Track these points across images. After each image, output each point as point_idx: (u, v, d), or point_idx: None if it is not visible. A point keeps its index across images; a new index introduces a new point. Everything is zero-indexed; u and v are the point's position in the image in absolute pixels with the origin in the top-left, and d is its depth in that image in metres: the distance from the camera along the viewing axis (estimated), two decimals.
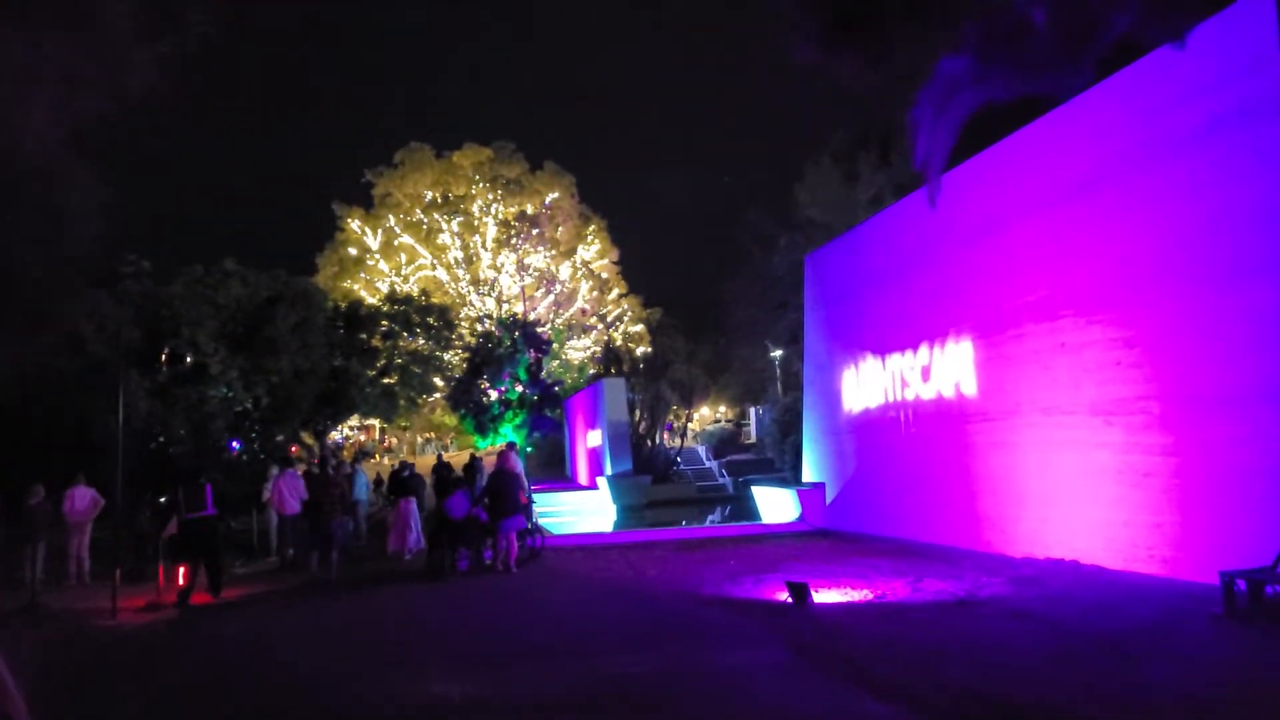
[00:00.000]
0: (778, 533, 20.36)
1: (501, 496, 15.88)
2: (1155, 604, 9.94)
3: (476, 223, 63.24)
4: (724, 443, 61.03)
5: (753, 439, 63.88)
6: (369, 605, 13.62)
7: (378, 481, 31.51)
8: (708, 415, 77.55)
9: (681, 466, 52.55)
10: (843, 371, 20.21)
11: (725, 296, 56.24)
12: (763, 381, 62.65)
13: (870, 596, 11.69)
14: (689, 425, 65.00)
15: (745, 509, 38.37)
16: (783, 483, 40.71)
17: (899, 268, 17.82)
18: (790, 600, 11.59)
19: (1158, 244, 11.43)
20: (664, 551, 18.47)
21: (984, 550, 14.78)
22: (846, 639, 9.44)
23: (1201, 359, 10.84)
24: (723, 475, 50.82)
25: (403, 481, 19.99)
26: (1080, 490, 12.84)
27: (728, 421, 76.50)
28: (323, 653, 10.35)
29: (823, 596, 11.75)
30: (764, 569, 14.76)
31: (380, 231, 61.78)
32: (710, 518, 35.95)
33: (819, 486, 21.20)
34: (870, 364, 18.92)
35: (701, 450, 60.29)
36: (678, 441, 64.26)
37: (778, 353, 59.83)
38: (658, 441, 55.72)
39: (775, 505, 22.98)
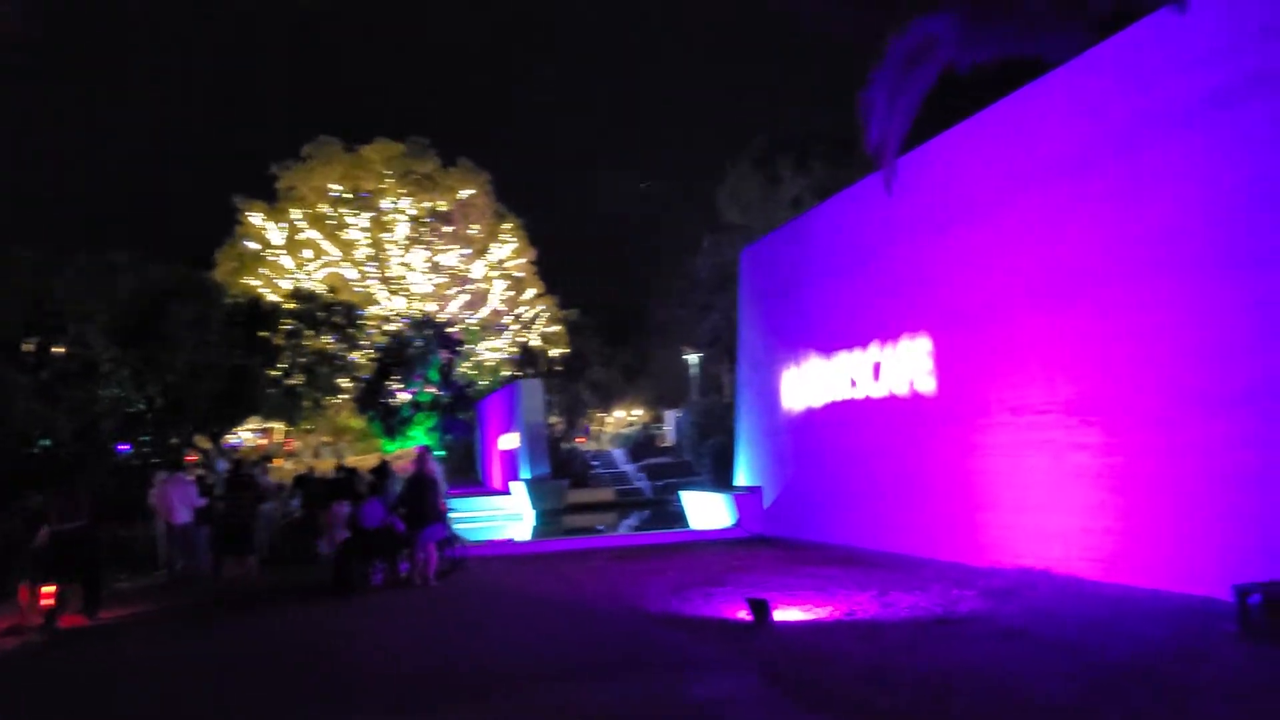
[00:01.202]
0: (714, 540, 19.25)
1: (419, 503, 14.41)
2: (1159, 621, 9.00)
3: (387, 219, 61.08)
4: (641, 446, 60.24)
5: (670, 442, 63.24)
6: (269, 627, 12.04)
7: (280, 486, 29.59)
8: (622, 418, 76.59)
9: (599, 470, 51.73)
10: (782, 370, 19.18)
11: (646, 298, 55.40)
12: (681, 384, 61.95)
13: (837, 613, 10.57)
14: (605, 428, 63.94)
15: (665, 513, 37.53)
16: (702, 486, 39.97)
17: (847, 260, 16.84)
18: (750, 618, 10.41)
19: (1149, 230, 10.57)
20: (598, 561, 17.18)
21: (944, 559, 13.83)
22: (825, 666, 8.28)
23: (1197, 354, 9.98)
24: (640, 479, 50.12)
25: (337, 483, 18.55)
26: (1053, 495, 11.94)
27: (643, 425, 75.81)
28: (207, 689, 8.80)
29: (784, 613, 10.59)
30: (711, 581, 13.58)
31: (284, 226, 59.14)
32: (627, 522, 35.22)
33: (755, 491, 20.14)
34: (814, 362, 17.92)
35: (618, 454, 59.47)
36: (594, 445, 63.34)
37: (695, 355, 59.20)
38: (575, 445, 54.57)
39: (707, 511, 21.86)
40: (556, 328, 67.23)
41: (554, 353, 62.74)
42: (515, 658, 9.36)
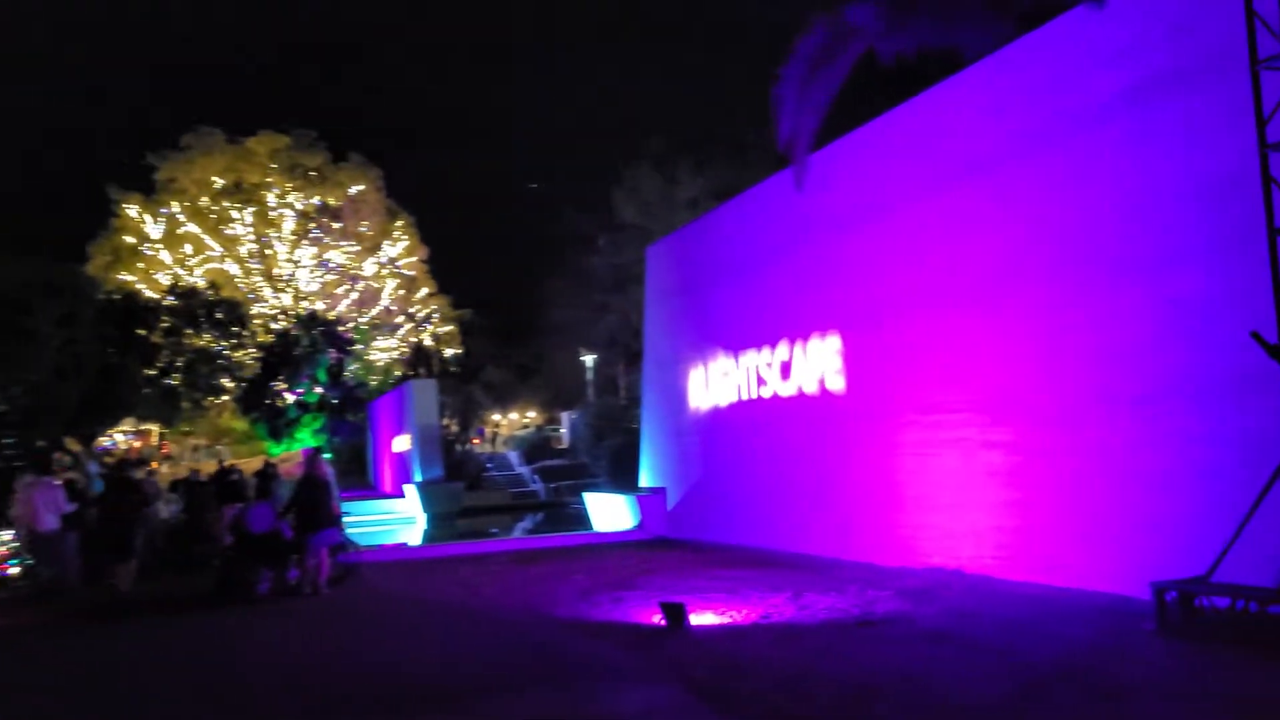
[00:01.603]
0: (617, 542, 18.87)
1: (311, 507, 13.61)
2: (1077, 620, 8.95)
3: (273, 214, 59.01)
4: (536, 448, 59.63)
5: (565, 444, 62.75)
6: (147, 642, 11.15)
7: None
8: (515, 420, 75.70)
9: (493, 473, 51.06)
10: (689, 369, 18.91)
11: (543, 298, 54.65)
12: (577, 385, 61.36)
13: (752, 616, 10.27)
14: (499, 430, 63.03)
15: (562, 516, 37.09)
16: (605, 488, 39.60)
17: (756, 258, 16.65)
18: (664, 623, 10.04)
19: (1063, 229, 10.57)
20: (498, 565, 16.61)
21: (853, 559, 13.71)
22: (747, 671, 7.96)
23: (1111, 353, 10.00)
24: (535, 481, 49.71)
25: (232, 485, 17.54)
26: (965, 494, 11.90)
27: (537, 427, 75.14)
28: (65, 710, 7.99)
29: (698, 617, 10.25)
30: (618, 585, 13.17)
31: (163, 220, 56.59)
32: (522, 525, 34.74)
33: (659, 492, 19.83)
34: (722, 361, 17.69)
35: (513, 456, 58.82)
36: (489, 447, 62.37)
37: (592, 356, 58.82)
38: (469, 447, 53.60)
39: (610, 513, 21.46)
40: (450, 328, 66.00)
41: (448, 353, 61.51)
42: (419, 672, 8.78)
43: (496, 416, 68.53)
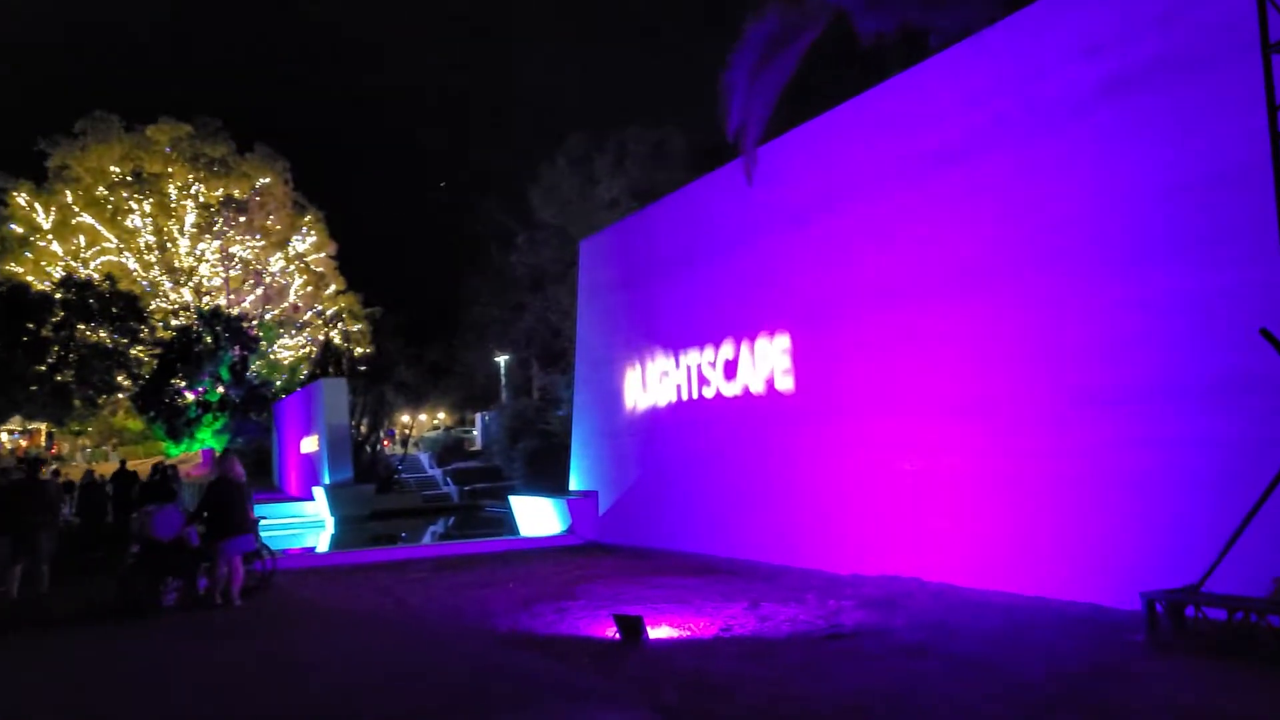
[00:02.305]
0: (546, 547, 18.06)
1: (225, 511, 12.53)
2: (1060, 632, 8.52)
3: (174, 205, 56.55)
4: (448, 450, 58.48)
5: (479, 446, 61.72)
6: (38, 663, 9.98)
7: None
8: (425, 421, 74.19)
9: (404, 475, 49.91)
10: (625, 368, 18.23)
11: (458, 297, 53.46)
12: (491, 386, 60.23)
13: (712, 629, 9.63)
14: (409, 431, 61.58)
15: (477, 519, 36.36)
16: (532, 491, 38.77)
17: (700, 253, 16.05)
18: (618, 636, 9.33)
19: (1039, 224, 10.18)
20: (422, 573, 15.68)
21: (802, 566, 13.19)
22: (720, 692, 7.30)
23: (1086, 352, 9.64)
24: (448, 484, 48.82)
25: (155, 486, 16.23)
26: (924, 498, 11.46)
27: (447, 428, 73.99)
28: None
29: (654, 630, 9.56)
30: (558, 594, 12.41)
31: (54, 209, 53.70)
32: (433, 529, 33.90)
33: (590, 496, 19.09)
34: (661, 360, 17.05)
35: (424, 458, 57.66)
36: (399, 448, 60.87)
37: (506, 356, 57.88)
38: (380, 448, 52.19)
39: (537, 516, 20.63)
40: (360, 326, 64.16)
41: (358, 352, 59.74)
42: (352, 699, 7.89)
43: (406, 418, 66.98)
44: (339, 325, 62.87)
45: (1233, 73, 8.22)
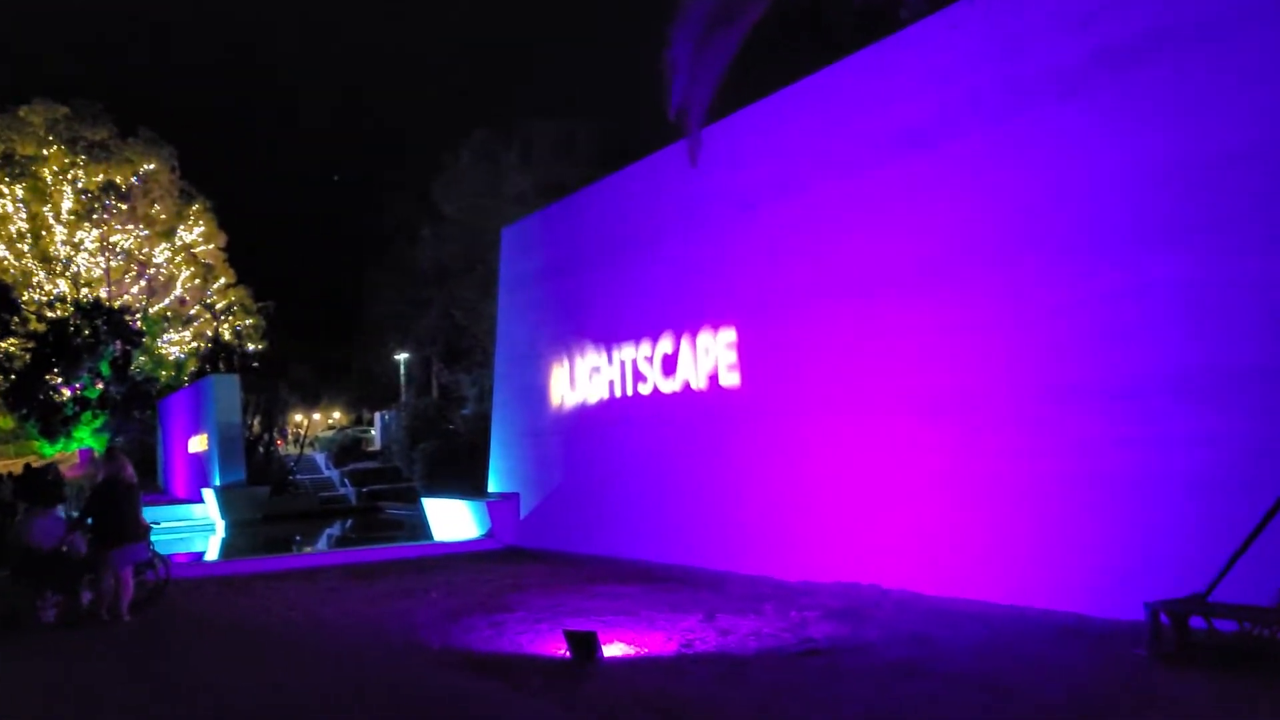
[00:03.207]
0: (466, 553, 16.99)
1: (115, 516, 11.17)
2: (1052, 643, 7.92)
3: (49, 190, 53.17)
4: (346, 450, 56.61)
5: (378, 446, 59.95)
6: None
7: None
8: (320, 421, 71.76)
9: (299, 477, 48.09)
10: (551, 364, 17.25)
11: (359, 292, 51.59)
12: (392, 384, 58.44)
13: (671, 645, 8.77)
14: (303, 431, 59.47)
15: (376, 522, 35.10)
16: (439, 494, 37.52)
17: (637, 241, 15.18)
18: (569, 655, 8.41)
19: (1014, 209, 9.60)
20: (332, 581, 14.48)
21: (747, 573, 12.44)
22: None
23: (1073, 345, 9.07)
24: (345, 486, 47.25)
25: (46, 485, 14.60)
26: (886, 500, 10.81)
27: (340, 428, 72.02)
28: None
29: (607, 647, 8.66)
30: (489, 605, 11.41)
31: None
32: (330, 532, 32.50)
33: (512, 498, 18.06)
34: (592, 355, 16.13)
35: (320, 458, 55.71)
36: (294, 448, 58.69)
37: (406, 354, 56.31)
38: (274, 448, 50.25)
39: (452, 519, 19.48)
40: (252, 320, 61.48)
41: (250, 347, 57.18)
42: None
43: (299, 417, 64.61)
44: (229, 320, 60.07)
45: (1239, 43, 7.73)
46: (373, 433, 66.70)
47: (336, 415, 74.26)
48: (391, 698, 7.61)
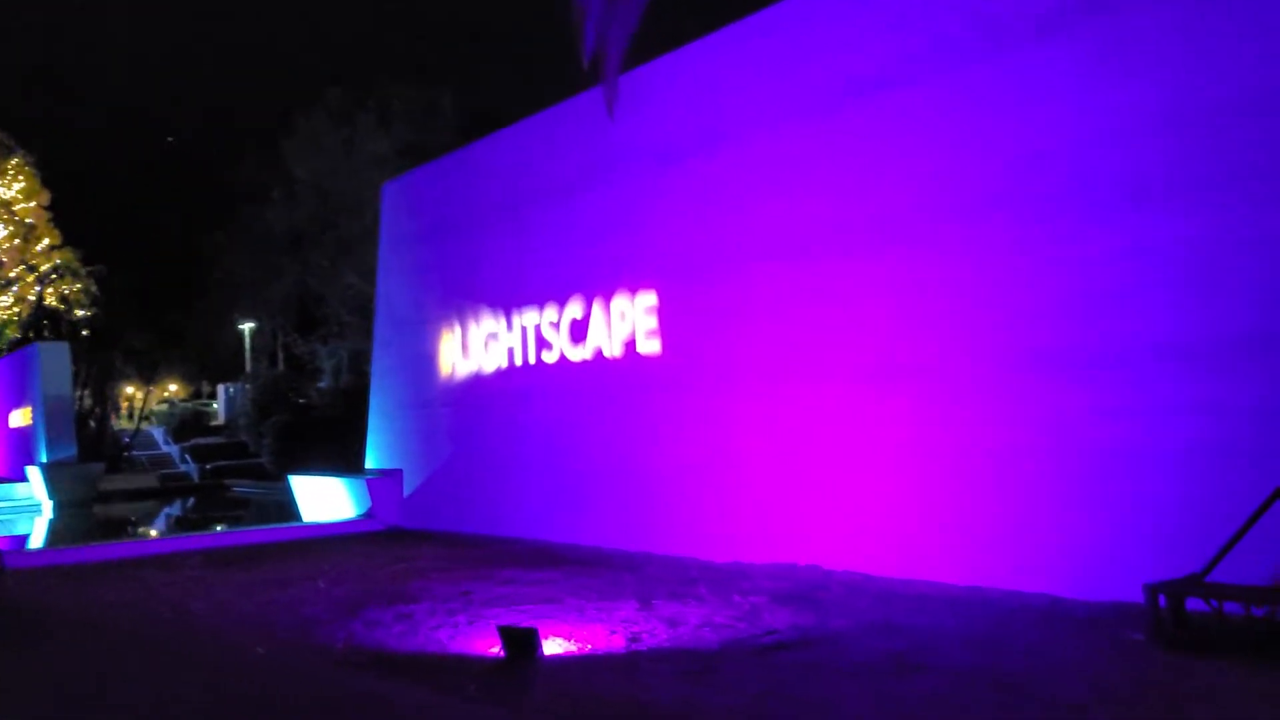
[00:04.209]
0: (345, 534, 15.61)
1: None
2: (1047, 630, 7.31)
3: None
4: (185, 425, 53.63)
5: (221, 420, 56.98)
6: None
7: None
8: (156, 394, 67.50)
9: (136, 453, 45.40)
10: (441, 330, 15.92)
11: (204, 257, 48.21)
12: (238, 355, 55.29)
13: (617, 640, 7.80)
14: (143, 404, 55.90)
15: (223, 500, 33.47)
16: (263, 469, 35.68)
17: (539, 199, 14.02)
18: (501, 653, 7.36)
19: (990, 162, 8.92)
20: (196, 569, 12.97)
21: (665, 553, 11.60)
22: None
23: (1055, 309, 8.46)
24: (186, 462, 44.94)
25: None
26: (827, 475, 10.10)
27: (181, 400, 68.46)
28: None
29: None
30: (389, 594, 10.21)
31: None
32: (169, 511, 30.92)
33: (394, 474, 16.69)
34: (488, 321, 14.90)
35: (158, 433, 52.67)
36: (129, 423, 55.42)
37: (251, 324, 53.46)
38: (107, 422, 47.05)
39: (324, 498, 17.96)
40: (80, 285, 56.91)
41: (80, 314, 52.93)
42: None
43: (131, 389, 60.49)
44: (56, 284, 55.47)
45: None
46: (215, 406, 63.45)
47: (173, 388, 70.09)
48: (296, 710, 6.41)
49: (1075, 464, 8.25)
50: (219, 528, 19.91)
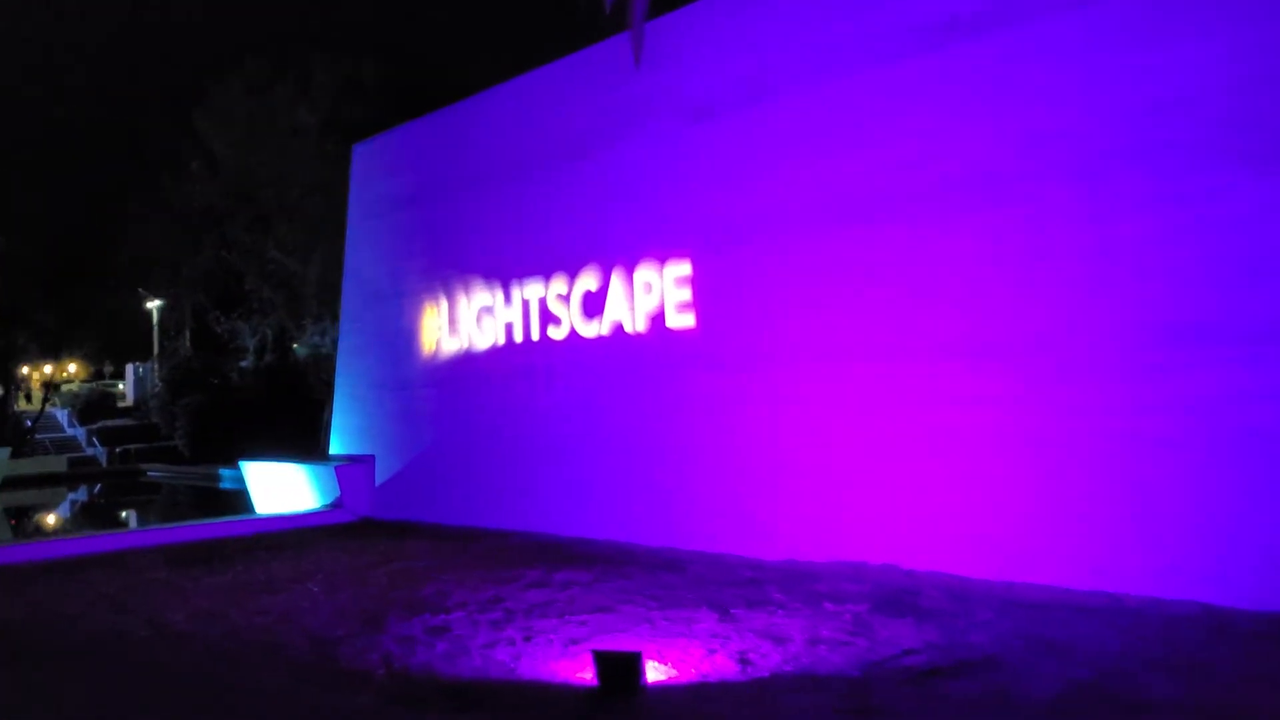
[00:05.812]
0: (314, 527, 14.12)
1: None
2: (1219, 644, 6.35)
3: None
4: (91, 407, 50.96)
5: (130, 402, 54.25)
6: None
7: None
8: (55, 373, 63.84)
9: (40, 436, 43.03)
10: (422, 304, 14.45)
11: (115, 232, 45.26)
12: (147, 334, 52.41)
13: (728, 662, 6.61)
14: (50, 386, 52.95)
15: (132, 485, 32.28)
16: (176, 452, 33.80)
17: (544, 159, 12.65)
18: (594, 681, 6.14)
19: (1085, 109, 7.91)
20: (158, 569, 11.45)
21: (707, 550, 10.44)
22: None
23: (1188, 281, 7.52)
24: (93, 445, 42.74)
25: None
26: (907, 463, 9.04)
27: (84, 380, 65.17)
28: None
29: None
30: (402, 602, 8.87)
31: None
32: (74, 496, 29.92)
33: (366, 461, 15.18)
34: (481, 293, 13.49)
35: (62, 415, 49.93)
36: (28, 404, 52.76)
37: (158, 302, 50.78)
38: (10, 405, 44.35)
39: (280, 487, 16.33)
40: None
41: None
42: None
43: (26, 370, 56.94)
44: None
45: None
46: (122, 386, 60.64)
47: (73, 368, 66.42)
48: None
49: (1143, 457, 7.39)
50: (171, 522, 18.06)
